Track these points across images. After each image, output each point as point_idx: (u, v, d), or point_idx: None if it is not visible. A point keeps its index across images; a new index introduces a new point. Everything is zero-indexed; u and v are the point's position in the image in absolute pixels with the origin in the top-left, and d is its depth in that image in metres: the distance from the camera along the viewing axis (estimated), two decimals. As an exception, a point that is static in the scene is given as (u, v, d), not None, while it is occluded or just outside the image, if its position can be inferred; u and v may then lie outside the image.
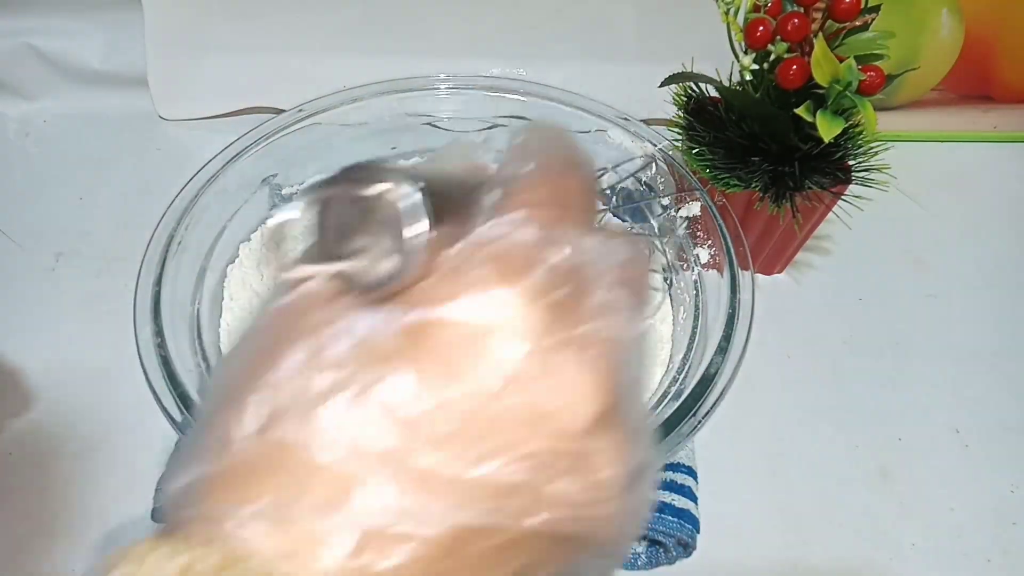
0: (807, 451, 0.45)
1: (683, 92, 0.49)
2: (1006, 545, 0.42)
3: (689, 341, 0.43)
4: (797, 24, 0.40)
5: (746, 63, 0.43)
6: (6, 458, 0.44)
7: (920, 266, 0.57)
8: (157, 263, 0.42)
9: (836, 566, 0.41)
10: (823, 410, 0.47)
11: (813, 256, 0.56)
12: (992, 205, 0.62)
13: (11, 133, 0.63)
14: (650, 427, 0.19)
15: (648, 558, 0.39)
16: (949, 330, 0.52)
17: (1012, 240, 0.59)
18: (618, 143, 0.52)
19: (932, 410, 0.48)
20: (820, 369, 0.50)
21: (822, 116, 0.40)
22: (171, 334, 0.39)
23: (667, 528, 0.38)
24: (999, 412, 0.48)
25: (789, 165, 0.45)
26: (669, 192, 0.50)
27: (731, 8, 0.42)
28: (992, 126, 0.66)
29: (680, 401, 0.37)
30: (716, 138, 0.47)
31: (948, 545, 0.42)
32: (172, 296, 0.41)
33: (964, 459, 0.46)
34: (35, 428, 0.45)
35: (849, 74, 0.40)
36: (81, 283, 0.53)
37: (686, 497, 0.40)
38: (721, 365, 0.38)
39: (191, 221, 0.45)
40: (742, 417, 0.45)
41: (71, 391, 0.46)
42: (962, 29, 0.61)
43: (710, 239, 0.46)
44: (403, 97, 0.55)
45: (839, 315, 0.53)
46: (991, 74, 0.64)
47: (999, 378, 0.50)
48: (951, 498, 0.44)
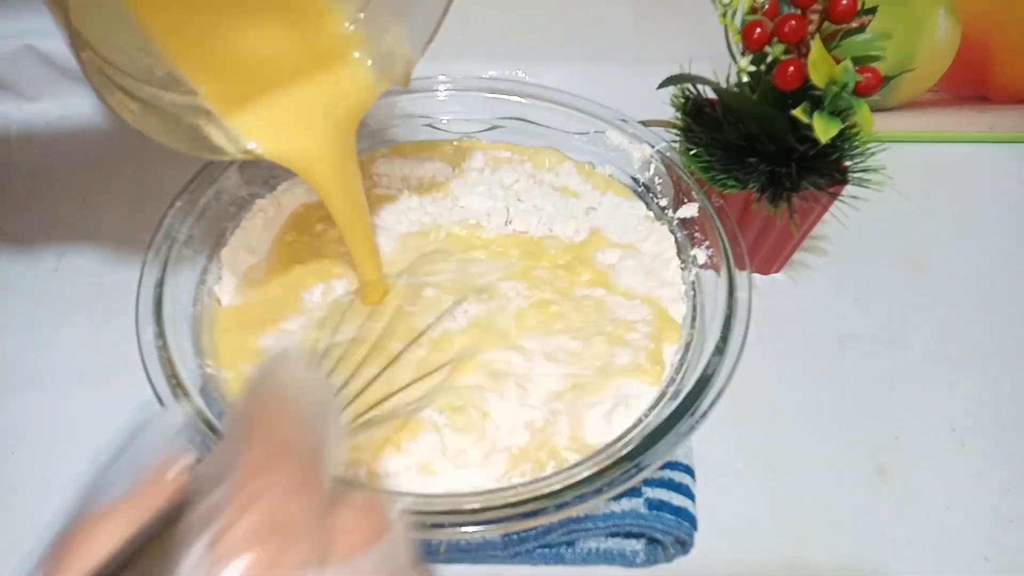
0: (804, 450, 0.45)
1: (681, 93, 0.50)
2: (1003, 543, 0.42)
3: (687, 341, 0.43)
4: (794, 26, 0.41)
5: (743, 65, 0.43)
6: (6, 458, 0.44)
7: (917, 266, 0.57)
8: (159, 264, 0.42)
9: (833, 564, 0.41)
10: (820, 409, 0.48)
11: (810, 256, 0.57)
12: (988, 205, 0.62)
13: (13, 134, 0.63)
14: None
15: (646, 556, 0.40)
16: (945, 329, 0.52)
17: (1008, 240, 0.60)
18: (616, 144, 0.53)
19: (929, 409, 0.48)
20: (817, 368, 0.50)
21: (819, 117, 0.41)
22: (173, 335, 0.39)
23: (665, 526, 0.38)
24: (995, 411, 0.48)
25: (786, 166, 0.45)
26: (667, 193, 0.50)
27: (728, 10, 0.42)
28: (988, 127, 0.66)
29: (678, 400, 0.37)
30: (714, 139, 0.47)
31: (945, 543, 0.42)
32: (174, 297, 0.41)
33: (961, 457, 0.46)
34: (36, 428, 0.45)
35: (846, 75, 0.40)
36: (83, 284, 0.53)
37: (684, 495, 0.40)
38: (718, 365, 0.38)
39: (192, 221, 0.45)
40: (740, 416, 0.46)
41: (72, 392, 0.47)
42: (959, 30, 0.61)
43: (707, 239, 0.46)
44: (402, 98, 0.55)
45: (836, 315, 0.53)
46: (987, 75, 0.64)
47: (995, 377, 0.50)
48: (948, 496, 0.44)
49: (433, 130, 0.57)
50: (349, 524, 0.17)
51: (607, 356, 0.42)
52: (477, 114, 0.56)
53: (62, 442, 0.44)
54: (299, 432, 0.17)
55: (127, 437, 0.19)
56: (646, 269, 0.47)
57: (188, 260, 0.44)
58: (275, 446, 0.17)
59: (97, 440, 0.48)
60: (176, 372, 0.37)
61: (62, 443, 0.44)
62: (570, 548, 0.39)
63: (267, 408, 0.18)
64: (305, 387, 0.19)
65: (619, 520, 0.38)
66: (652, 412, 0.39)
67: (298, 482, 0.16)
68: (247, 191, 0.49)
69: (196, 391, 0.37)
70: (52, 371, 0.48)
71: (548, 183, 0.53)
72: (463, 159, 0.55)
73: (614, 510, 0.39)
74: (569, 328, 0.43)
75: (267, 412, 0.18)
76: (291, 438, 0.17)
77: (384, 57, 0.39)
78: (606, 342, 0.42)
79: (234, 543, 0.15)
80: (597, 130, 0.53)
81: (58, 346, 0.49)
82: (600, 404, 0.39)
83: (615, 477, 0.34)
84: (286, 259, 0.47)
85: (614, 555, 0.39)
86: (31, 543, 0.41)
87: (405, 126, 0.56)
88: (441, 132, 0.57)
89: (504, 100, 0.55)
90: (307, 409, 0.18)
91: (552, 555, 0.39)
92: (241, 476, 0.16)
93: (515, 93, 0.55)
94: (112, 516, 0.17)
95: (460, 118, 0.56)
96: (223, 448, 0.17)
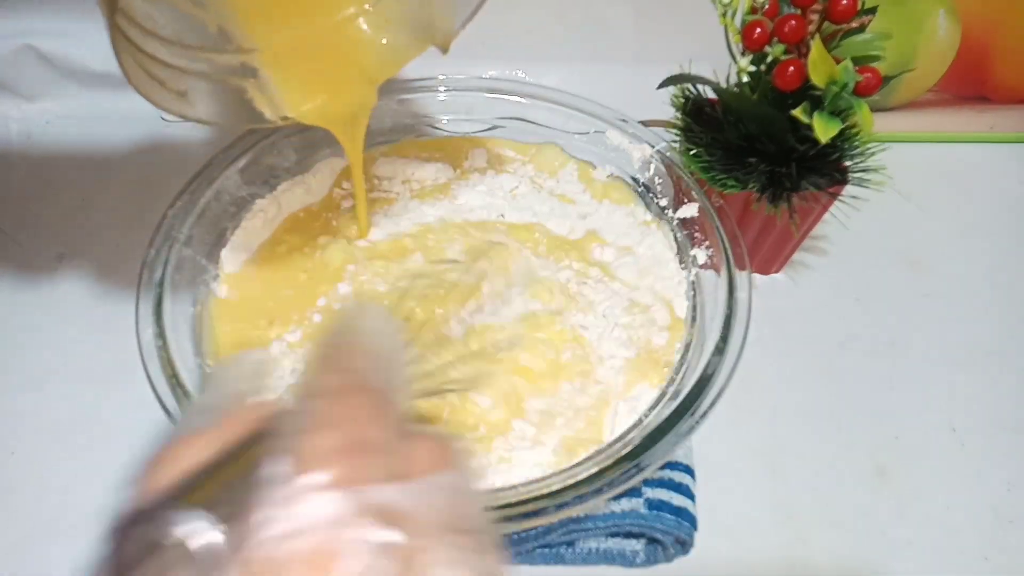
0: (804, 450, 0.45)
1: (681, 93, 0.50)
2: (1003, 543, 0.42)
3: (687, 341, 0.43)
4: (794, 26, 0.41)
5: (743, 65, 0.43)
6: (6, 458, 0.44)
7: (917, 266, 0.57)
8: (159, 264, 0.42)
9: (833, 564, 0.41)
10: (820, 409, 0.48)
11: (810, 256, 0.57)
12: (988, 205, 0.62)
13: (13, 134, 0.63)
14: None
15: (646, 556, 0.40)
16: (946, 329, 0.52)
17: (1008, 240, 0.60)
18: (616, 144, 0.53)
19: (929, 409, 0.48)
20: (817, 368, 0.50)
21: (819, 117, 0.41)
22: (173, 335, 0.39)
23: (665, 526, 0.38)
24: (996, 411, 0.48)
25: (786, 166, 0.45)
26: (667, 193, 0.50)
27: (728, 10, 0.42)
28: (988, 127, 0.66)
29: (678, 401, 0.37)
30: (714, 139, 0.47)
31: (945, 543, 0.42)
32: (174, 297, 0.41)
33: (961, 458, 0.46)
34: (35, 428, 0.45)
35: (846, 75, 0.40)
36: (83, 284, 0.53)
37: (684, 495, 0.40)
38: (719, 365, 0.38)
39: (192, 221, 0.45)
40: (740, 416, 0.46)
41: (73, 391, 0.47)
42: (958, 30, 0.61)
43: (707, 240, 0.46)
44: (402, 98, 0.55)
45: (836, 315, 0.53)
46: (987, 75, 0.64)
47: (995, 377, 0.50)
48: (948, 496, 0.44)
49: (433, 130, 0.57)
50: (422, 452, 0.18)
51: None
52: (477, 114, 0.56)
53: (62, 442, 0.44)
54: (374, 368, 0.18)
55: (215, 375, 0.20)
56: (641, 269, 0.47)
57: (188, 260, 0.44)
58: (353, 376, 0.18)
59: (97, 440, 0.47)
60: (176, 372, 0.37)
61: (62, 443, 0.44)
62: (570, 548, 0.39)
63: (346, 345, 0.19)
64: (381, 334, 0.20)
65: (619, 520, 0.38)
66: (652, 412, 0.39)
67: (375, 409, 0.17)
68: (247, 191, 0.49)
69: (196, 391, 0.37)
70: (52, 371, 0.48)
71: (548, 189, 0.53)
72: (465, 158, 0.55)
73: (614, 510, 0.39)
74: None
75: (346, 348, 0.19)
76: (367, 372, 0.18)
77: (425, 23, 0.41)
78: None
79: (315, 457, 0.15)
80: (597, 130, 0.53)
81: (58, 346, 0.49)
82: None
83: (615, 477, 0.34)
84: (284, 257, 0.47)
85: (614, 555, 0.39)
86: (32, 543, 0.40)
87: (405, 126, 0.56)
88: (441, 132, 0.57)
89: (504, 100, 0.55)
90: (382, 351, 0.19)
91: (552, 555, 0.39)
92: (322, 401, 0.17)
93: (515, 93, 0.55)
94: (201, 439, 0.17)
95: (460, 118, 0.56)
96: (305, 380, 0.18)
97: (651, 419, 0.38)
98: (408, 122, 0.56)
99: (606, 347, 0.43)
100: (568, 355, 0.42)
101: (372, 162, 0.54)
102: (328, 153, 0.53)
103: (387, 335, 0.20)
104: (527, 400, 0.40)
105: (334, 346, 0.19)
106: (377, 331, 0.20)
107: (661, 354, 0.43)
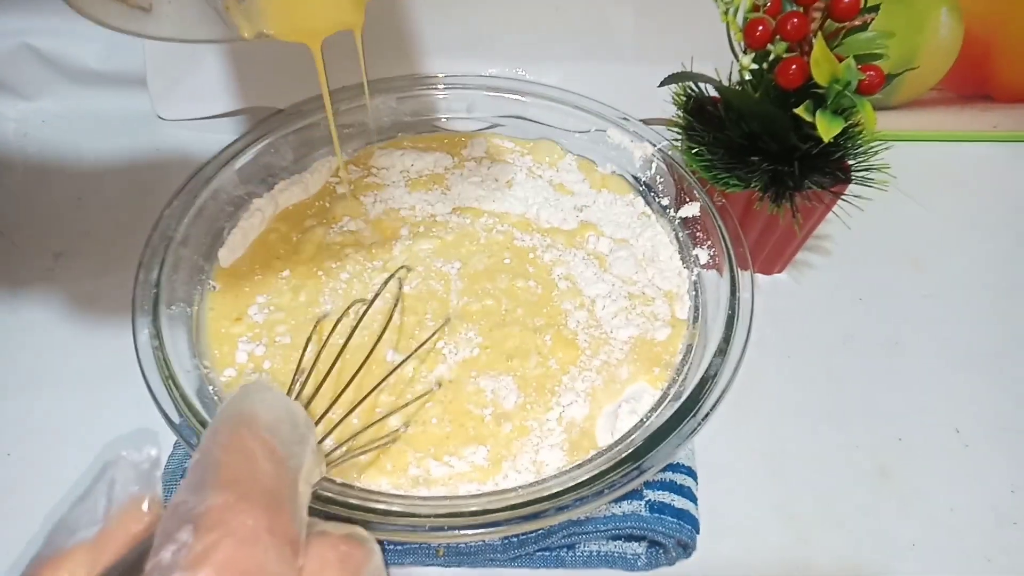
0: (807, 451, 0.45)
1: (683, 92, 0.49)
2: (1006, 545, 0.42)
3: (688, 342, 0.43)
4: (796, 24, 0.40)
5: (745, 63, 0.43)
6: (3, 459, 0.44)
7: (920, 266, 0.57)
8: (156, 264, 0.42)
9: (836, 566, 0.41)
10: (823, 410, 0.47)
11: (813, 256, 0.56)
12: (991, 205, 0.62)
13: (10, 133, 0.63)
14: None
15: (648, 559, 0.39)
16: (949, 330, 0.52)
17: (1011, 239, 0.59)
18: (617, 143, 0.52)
19: (932, 410, 0.48)
20: (820, 369, 0.49)
21: (821, 116, 0.40)
22: (169, 336, 0.39)
23: (667, 529, 0.38)
24: (999, 412, 0.48)
25: (789, 165, 0.45)
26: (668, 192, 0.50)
27: (730, 8, 0.42)
28: (991, 125, 0.66)
29: (680, 402, 0.37)
30: (716, 138, 0.47)
31: (948, 545, 0.42)
32: (170, 297, 0.41)
33: (964, 459, 0.45)
34: (35, 428, 0.45)
35: (848, 73, 0.40)
36: (80, 284, 0.53)
37: (686, 498, 0.40)
38: (721, 366, 0.38)
39: (189, 221, 0.45)
40: (742, 417, 0.45)
41: (69, 393, 0.46)
42: (961, 28, 0.61)
43: (709, 239, 0.46)
44: (402, 96, 0.55)
45: (839, 315, 0.53)
46: (990, 73, 0.64)
47: (999, 378, 0.50)
48: (951, 498, 0.44)
49: (433, 128, 0.56)
50: (319, 565, 0.17)
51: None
52: (478, 112, 0.56)
53: (58, 443, 0.44)
54: (270, 469, 0.17)
55: (96, 475, 0.19)
56: (637, 263, 0.47)
57: (185, 260, 0.44)
58: (243, 487, 0.16)
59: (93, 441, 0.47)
60: (172, 373, 0.37)
61: (58, 444, 0.44)
62: (571, 551, 0.39)
63: (239, 442, 0.17)
64: (280, 415, 0.18)
65: (620, 523, 0.38)
66: (654, 413, 0.39)
67: (265, 525, 0.16)
68: (244, 190, 0.49)
69: (192, 392, 0.37)
70: (48, 372, 0.48)
71: (547, 179, 0.53)
72: (463, 147, 0.55)
73: (615, 512, 0.38)
74: None
75: (238, 446, 0.17)
76: (261, 476, 0.17)
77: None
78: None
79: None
80: (598, 128, 0.53)
81: (54, 347, 0.49)
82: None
83: (616, 479, 0.34)
84: (271, 250, 0.47)
85: (615, 558, 0.39)
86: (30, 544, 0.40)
87: (405, 124, 0.56)
88: (441, 130, 0.56)
89: (505, 98, 0.55)
90: (282, 438, 0.18)
91: (552, 558, 0.39)
92: (208, 519, 0.15)
93: (516, 91, 0.55)
94: (75, 557, 0.16)
95: (460, 116, 0.56)
96: (192, 483, 0.16)
97: (653, 420, 0.38)
98: (407, 120, 0.56)
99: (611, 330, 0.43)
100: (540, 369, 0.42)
101: (370, 156, 0.54)
102: (326, 152, 0.53)
103: (289, 412, 0.19)
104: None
105: (228, 436, 0.18)
106: (276, 410, 0.19)
107: (661, 351, 0.42)
